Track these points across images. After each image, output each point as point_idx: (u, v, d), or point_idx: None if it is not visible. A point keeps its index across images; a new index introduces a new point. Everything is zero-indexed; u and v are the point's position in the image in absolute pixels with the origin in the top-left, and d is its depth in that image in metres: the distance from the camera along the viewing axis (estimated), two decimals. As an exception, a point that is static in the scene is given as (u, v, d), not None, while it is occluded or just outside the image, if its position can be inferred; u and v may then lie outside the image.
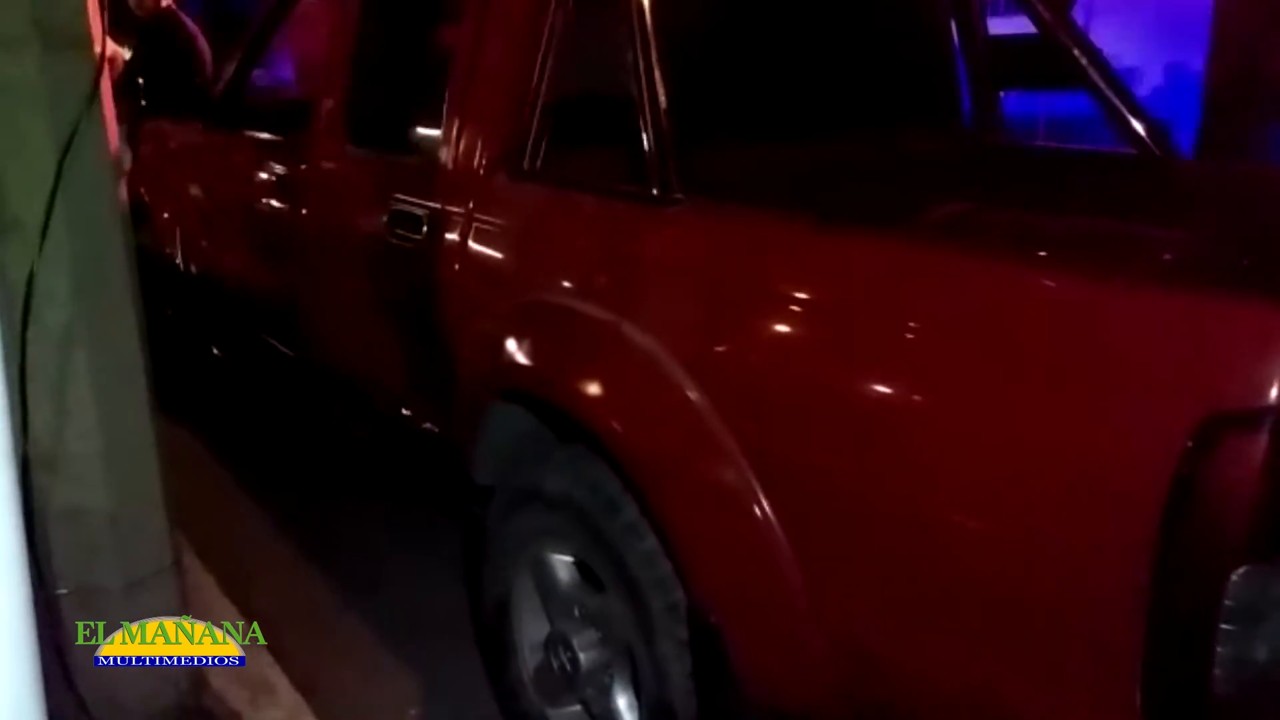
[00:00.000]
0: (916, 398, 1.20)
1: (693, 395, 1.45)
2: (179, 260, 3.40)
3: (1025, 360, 1.10)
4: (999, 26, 2.75)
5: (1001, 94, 2.59)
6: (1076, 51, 2.39)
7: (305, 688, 2.16)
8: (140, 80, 3.26)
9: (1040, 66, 2.51)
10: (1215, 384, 0.96)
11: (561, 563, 1.83)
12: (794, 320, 1.36)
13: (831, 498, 1.32)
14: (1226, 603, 0.95)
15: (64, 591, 1.85)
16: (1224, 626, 0.95)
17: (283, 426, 3.43)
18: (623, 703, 1.74)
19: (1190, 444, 0.94)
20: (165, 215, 3.47)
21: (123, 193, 1.96)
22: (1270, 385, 0.91)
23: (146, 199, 3.56)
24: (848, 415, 1.27)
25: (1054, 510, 1.06)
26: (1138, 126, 2.35)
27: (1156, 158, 2.30)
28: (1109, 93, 2.36)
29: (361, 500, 3.06)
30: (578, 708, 1.86)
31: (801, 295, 1.35)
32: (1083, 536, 1.03)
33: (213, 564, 2.59)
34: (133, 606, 1.90)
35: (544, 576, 1.86)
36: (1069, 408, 1.05)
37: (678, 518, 1.47)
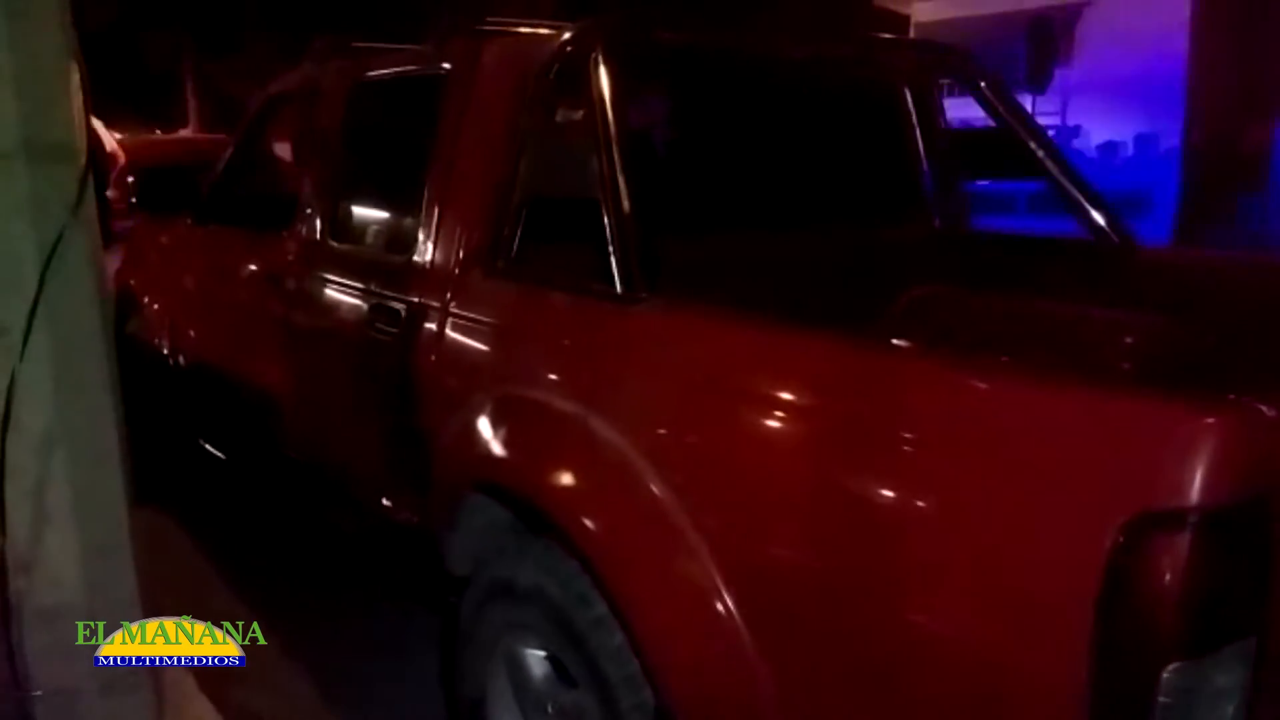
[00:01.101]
0: (867, 499, 1.23)
1: (657, 491, 1.48)
2: (167, 352, 3.45)
3: (968, 462, 1.13)
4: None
5: (964, 184, 2.68)
6: (1034, 144, 2.49)
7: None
8: (131, 179, 3.35)
9: (1002, 158, 2.60)
10: (1143, 484, 0.98)
11: (535, 657, 1.83)
12: (753, 418, 1.40)
13: (793, 596, 1.33)
14: (1161, 700, 0.96)
15: (39, 693, 1.84)
16: (1159, 724, 0.96)
17: (269, 519, 3.43)
18: (596, 801, 1.73)
19: (1119, 543, 0.96)
20: (154, 308, 3.53)
21: (106, 292, 2.01)
22: (1194, 485, 0.94)
23: (136, 291, 3.62)
24: (805, 514, 1.30)
25: (998, 611, 1.08)
26: (1095, 215, 2.43)
27: (1112, 245, 2.38)
28: (1065, 183, 2.45)
29: (345, 595, 3.04)
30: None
31: (760, 393, 1.39)
32: (1025, 636, 1.05)
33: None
34: (108, 707, 1.89)
35: (517, 671, 1.86)
36: (1010, 508, 1.08)
37: (643, 614, 1.48)
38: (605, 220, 1.71)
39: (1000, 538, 1.08)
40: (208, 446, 3.32)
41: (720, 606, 1.38)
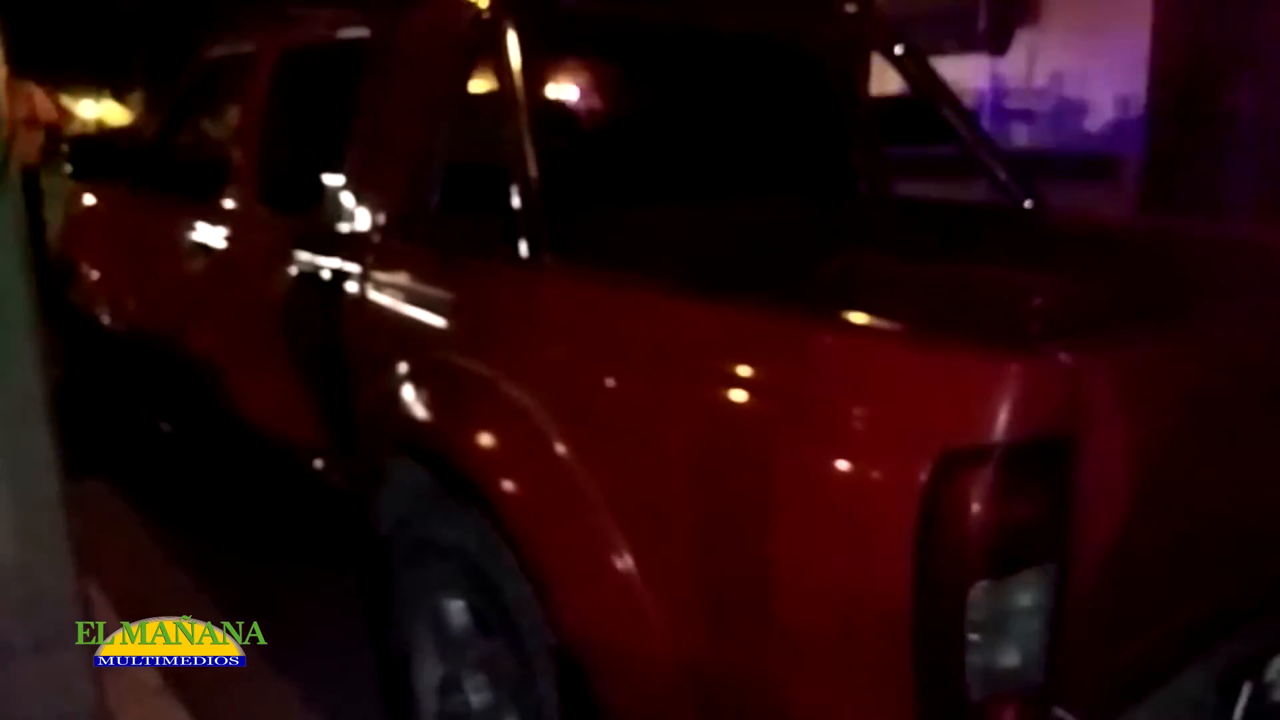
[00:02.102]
0: (737, 450, 1.31)
1: (561, 450, 1.55)
2: (107, 321, 3.46)
3: (818, 410, 1.22)
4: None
5: (883, 150, 2.75)
6: (949, 112, 2.56)
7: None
8: (65, 146, 3.34)
9: (919, 124, 2.67)
10: (954, 424, 1.09)
11: (455, 608, 1.90)
12: (641, 375, 1.47)
13: (678, 541, 1.42)
14: (970, 616, 1.06)
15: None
16: (970, 637, 1.07)
17: (210, 485, 3.47)
18: (512, 742, 1.82)
19: (934, 476, 1.06)
20: (93, 276, 3.53)
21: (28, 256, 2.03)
22: (996, 424, 1.04)
23: (75, 259, 3.62)
24: (686, 467, 1.38)
25: (841, 542, 1.18)
26: (1008, 180, 2.52)
27: (1021, 209, 2.47)
28: (979, 149, 2.53)
29: (287, 559, 3.10)
30: (475, 750, 1.92)
31: (646, 354, 1.46)
32: (864, 563, 1.15)
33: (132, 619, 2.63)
34: (41, 664, 1.94)
35: (440, 623, 1.93)
36: (850, 450, 1.17)
37: (544, 563, 1.56)
38: (513, 186, 1.76)
39: (842, 476, 1.18)
40: (149, 415, 3.35)
41: (615, 554, 1.46)
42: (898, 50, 2.55)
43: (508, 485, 1.63)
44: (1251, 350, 1.41)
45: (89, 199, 3.61)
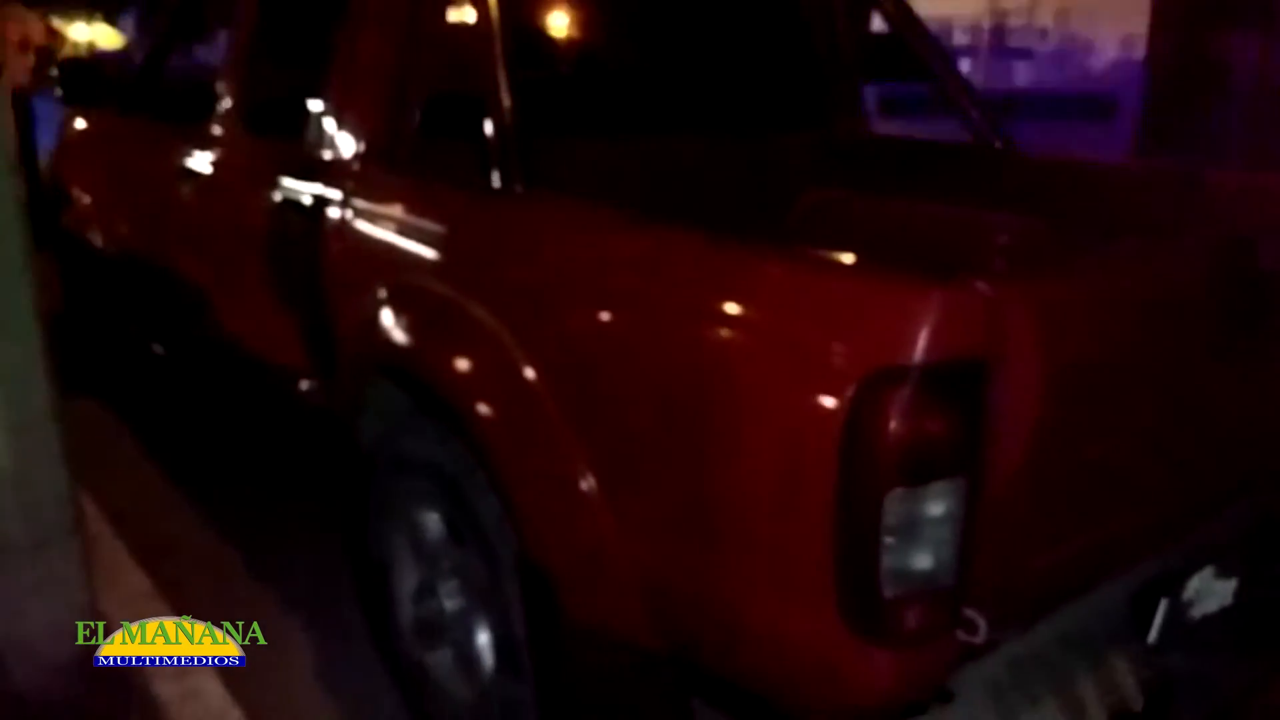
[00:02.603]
0: (685, 369, 1.40)
1: (528, 371, 1.64)
2: (99, 245, 3.52)
3: (757, 334, 1.31)
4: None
5: (861, 85, 2.79)
6: (925, 51, 2.60)
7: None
8: (56, 71, 3.36)
9: (896, 62, 2.71)
10: (876, 347, 1.18)
11: (430, 520, 2.01)
12: (600, 302, 1.55)
13: (635, 455, 1.52)
14: (885, 521, 1.17)
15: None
16: (885, 540, 1.17)
17: (199, 405, 3.57)
18: (483, 642, 1.94)
19: (858, 391, 1.17)
20: (84, 200, 3.58)
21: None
22: (914, 347, 1.14)
23: (67, 183, 3.66)
24: (643, 385, 1.47)
25: (776, 453, 1.28)
26: (979, 119, 2.57)
27: (994, 149, 2.53)
28: (953, 88, 2.58)
29: (271, 478, 3.21)
30: (449, 652, 2.05)
31: (606, 279, 1.54)
32: (792, 471, 1.26)
33: (125, 533, 2.75)
34: (37, 565, 2.06)
35: (417, 534, 2.04)
36: (791, 368, 1.27)
37: (512, 480, 1.66)
38: (487, 115, 1.82)
39: (781, 394, 1.27)
40: (140, 337, 3.43)
41: (574, 468, 1.56)
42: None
43: (481, 407, 1.72)
44: (1173, 284, 1.49)
45: (80, 123, 3.64)
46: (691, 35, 2.52)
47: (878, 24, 3.06)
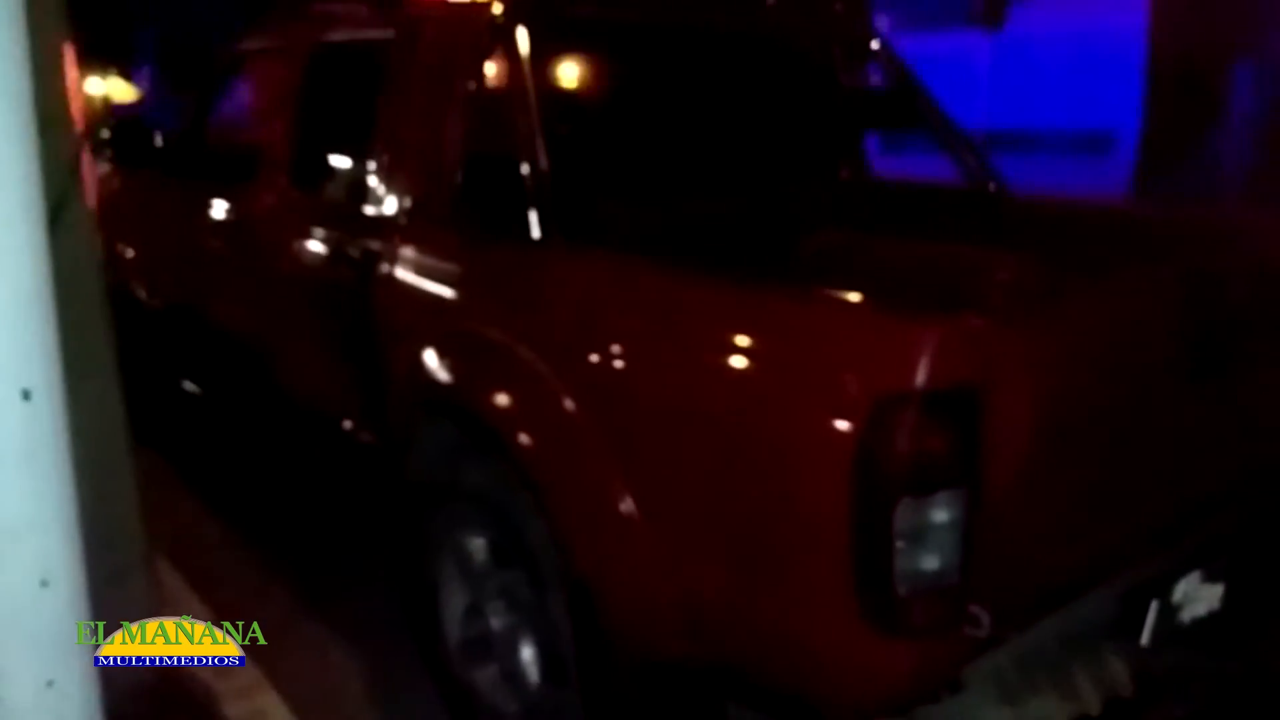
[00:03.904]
0: (715, 401, 1.59)
1: (568, 404, 1.82)
2: (145, 299, 3.72)
3: (779, 368, 1.50)
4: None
5: (864, 137, 3.00)
6: (921, 102, 2.81)
7: (265, 668, 2.48)
8: (106, 134, 3.58)
9: (895, 114, 2.92)
10: (883, 376, 1.37)
11: (477, 545, 2.18)
12: (632, 341, 1.74)
13: (670, 479, 1.69)
14: (896, 527, 1.35)
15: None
16: (897, 544, 1.35)
17: (249, 451, 3.75)
18: (527, 657, 2.09)
19: (871, 413, 1.35)
20: (129, 256, 3.79)
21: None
22: (916, 376, 1.32)
23: (110, 241, 3.86)
24: (677, 417, 1.65)
25: (800, 475, 1.46)
26: (974, 164, 2.77)
27: (986, 192, 2.73)
28: (949, 137, 2.78)
29: (319, 510, 3.38)
30: (495, 668, 2.20)
31: (638, 322, 1.74)
32: (813, 488, 1.43)
33: (181, 566, 2.92)
34: (115, 595, 2.22)
35: (464, 558, 2.21)
36: (810, 395, 1.45)
37: (557, 504, 1.83)
38: (526, 175, 2.02)
39: (801, 421, 1.46)
40: (188, 385, 3.61)
41: (617, 493, 1.73)
42: (874, 45, 2.80)
43: (524, 438, 1.90)
44: (1153, 316, 1.67)
45: (126, 183, 3.85)
46: (712, 99, 2.73)
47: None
